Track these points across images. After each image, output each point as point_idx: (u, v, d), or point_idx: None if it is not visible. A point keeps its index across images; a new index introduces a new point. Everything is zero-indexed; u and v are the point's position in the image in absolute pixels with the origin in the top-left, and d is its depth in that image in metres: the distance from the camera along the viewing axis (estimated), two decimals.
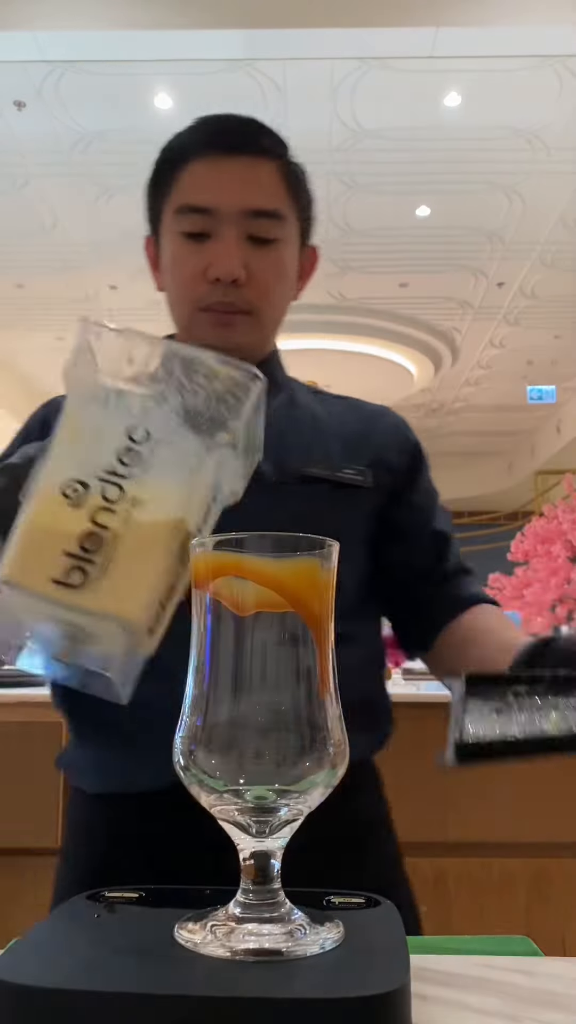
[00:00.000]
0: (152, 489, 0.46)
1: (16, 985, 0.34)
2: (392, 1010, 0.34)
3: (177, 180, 0.87)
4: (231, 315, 0.86)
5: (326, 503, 0.88)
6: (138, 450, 0.46)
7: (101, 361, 0.50)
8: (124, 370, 0.49)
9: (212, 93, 4.17)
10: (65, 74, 4.09)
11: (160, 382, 0.49)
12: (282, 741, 0.40)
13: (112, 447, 0.46)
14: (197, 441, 0.47)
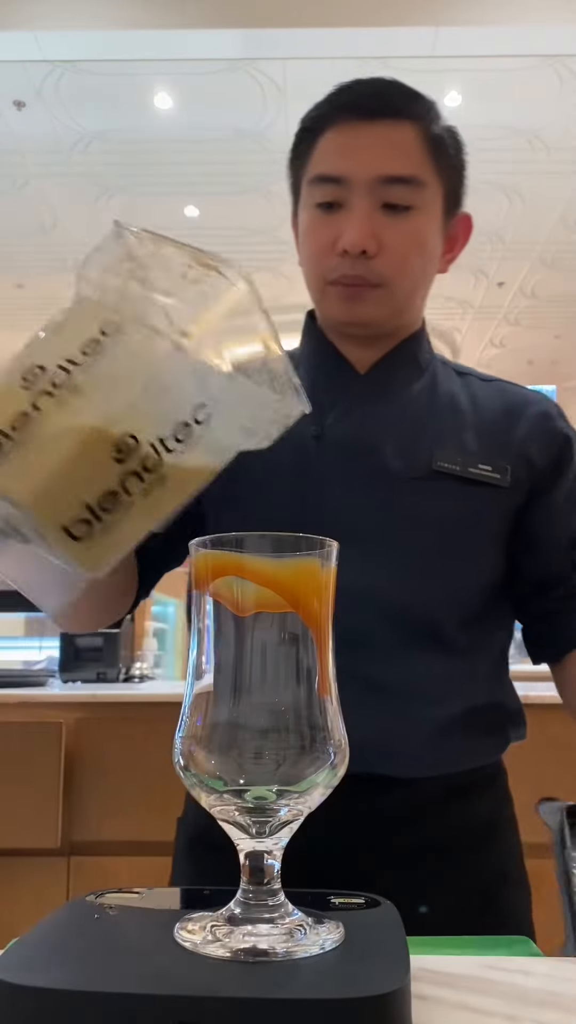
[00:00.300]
0: (99, 383, 0.42)
1: (16, 985, 0.34)
2: (392, 1010, 0.34)
3: (314, 150, 0.84)
4: (359, 288, 0.82)
5: (456, 501, 0.82)
6: (102, 342, 0.42)
7: (107, 261, 0.46)
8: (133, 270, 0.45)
9: (212, 93, 4.17)
10: (65, 74, 4.09)
11: (141, 278, 0.45)
12: (282, 741, 0.40)
13: (81, 338, 0.43)
14: (161, 343, 0.42)
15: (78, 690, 2.01)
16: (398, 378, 0.87)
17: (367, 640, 0.78)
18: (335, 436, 0.83)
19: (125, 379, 0.42)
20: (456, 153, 0.86)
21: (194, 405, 0.43)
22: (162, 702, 1.84)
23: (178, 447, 0.43)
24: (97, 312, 0.44)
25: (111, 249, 0.45)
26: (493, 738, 0.85)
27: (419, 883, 0.78)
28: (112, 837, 1.77)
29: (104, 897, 0.46)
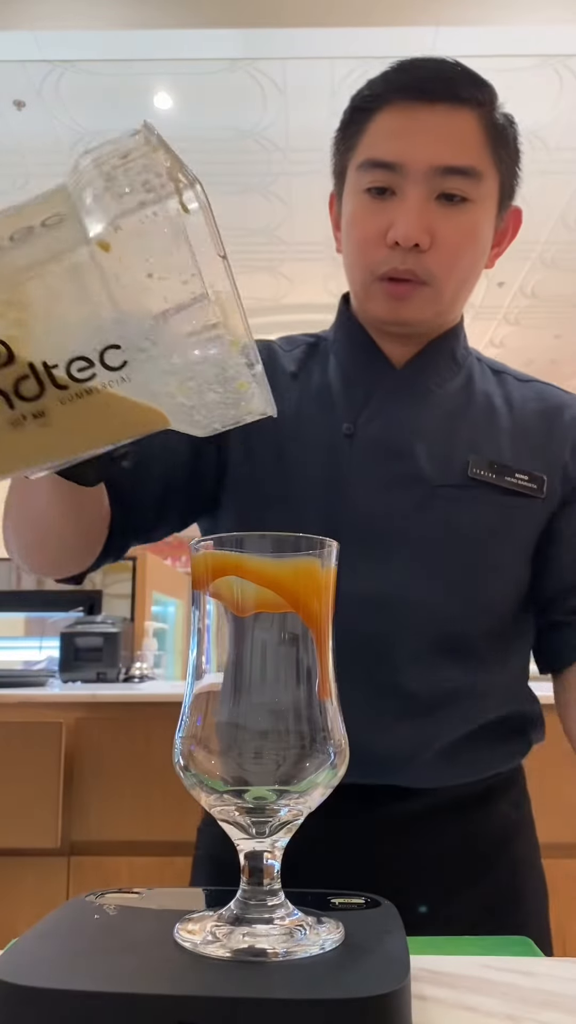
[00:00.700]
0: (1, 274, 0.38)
1: (16, 985, 0.34)
2: (392, 1011, 0.34)
3: (365, 132, 0.78)
4: (407, 285, 0.78)
5: (491, 509, 0.80)
6: (35, 231, 0.38)
7: (104, 153, 0.40)
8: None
9: (212, 93, 4.17)
10: (65, 74, 4.09)
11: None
12: (282, 741, 0.40)
13: (22, 223, 0.39)
14: (80, 253, 0.37)
15: (78, 690, 2.01)
16: (434, 375, 0.84)
17: (392, 648, 0.77)
18: (368, 435, 0.80)
19: (27, 281, 0.37)
20: (514, 142, 0.81)
21: (102, 342, 0.38)
22: (162, 702, 1.84)
23: (74, 385, 0.38)
24: (57, 202, 0.40)
25: (118, 142, 0.42)
26: (514, 745, 0.84)
27: (440, 887, 0.77)
28: (112, 837, 1.77)
29: (104, 897, 0.46)
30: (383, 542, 0.71)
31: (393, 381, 0.83)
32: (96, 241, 0.37)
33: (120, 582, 2.82)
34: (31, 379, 0.38)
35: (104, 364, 0.38)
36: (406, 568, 0.78)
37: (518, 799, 0.87)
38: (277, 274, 5.54)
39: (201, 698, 0.41)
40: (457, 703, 0.79)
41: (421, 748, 0.77)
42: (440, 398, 0.83)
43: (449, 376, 0.84)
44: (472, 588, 0.80)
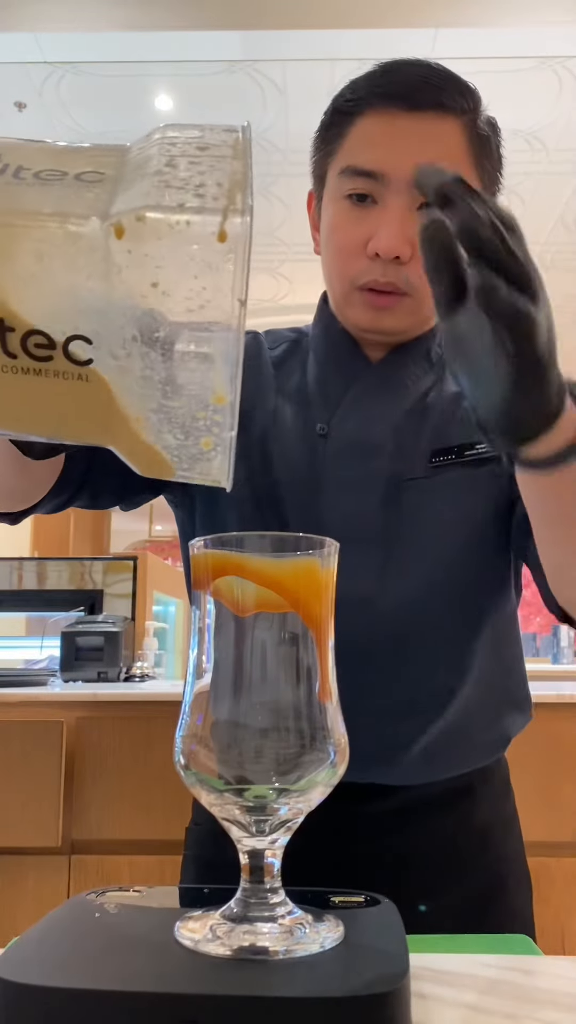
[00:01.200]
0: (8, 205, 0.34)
1: (16, 985, 0.34)
2: (392, 1009, 0.34)
3: (346, 136, 0.77)
4: (389, 296, 0.77)
5: (454, 492, 0.79)
6: (64, 180, 0.35)
7: (184, 135, 0.39)
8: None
9: (212, 94, 4.17)
10: (66, 75, 4.09)
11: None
12: (282, 740, 0.40)
13: (58, 163, 0.36)
14: (90, 224, 0.33)
15: (79, 689, 2.01)
16: (409, 371, 0.84)
17: (370, 648, 0.77)
18: (340, 434, 0.81)
19: (21, 227, 0.33)
20: (497, 150, 0.81)
21: (72, 328, 0.34)
22: (163, 701, 1.84)
23: (24, 359, 0.34)
24: (109, 160, 0.36)
25: (207, 132, 0.39)
26: (497, 738, 0.84)
27: (422, 884, 0.78)
28: (113, 836, 1.77)
29: (105, 895, 0.46)
30: (355, 542, 0.71)
31: (369, 376, 0.83)
32: (113, 222, 0.33)
33: (121, 582, 2.83)
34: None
35: (67, 353, 0.34)
36: (378, 567, 0.78)
37: (502, 792, 0.86)
38: (277, 275, 5.54)
39: (201, 697, 0.41)
40: (434, 701, 0.79)
41: (403, 747, 0.77)
42: (412, 394, 0.84)
43: (421, 373, 0.85)
44: (447, 583, 0.80)
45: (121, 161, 0.36)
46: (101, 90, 4.26)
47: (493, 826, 0.84)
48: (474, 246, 0.45)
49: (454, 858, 0.80)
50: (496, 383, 0.48)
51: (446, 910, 0.76)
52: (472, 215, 0.44)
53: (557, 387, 0.49)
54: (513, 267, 0.45)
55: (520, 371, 0.47)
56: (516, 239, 0.45)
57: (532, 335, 0.46)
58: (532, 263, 0.46)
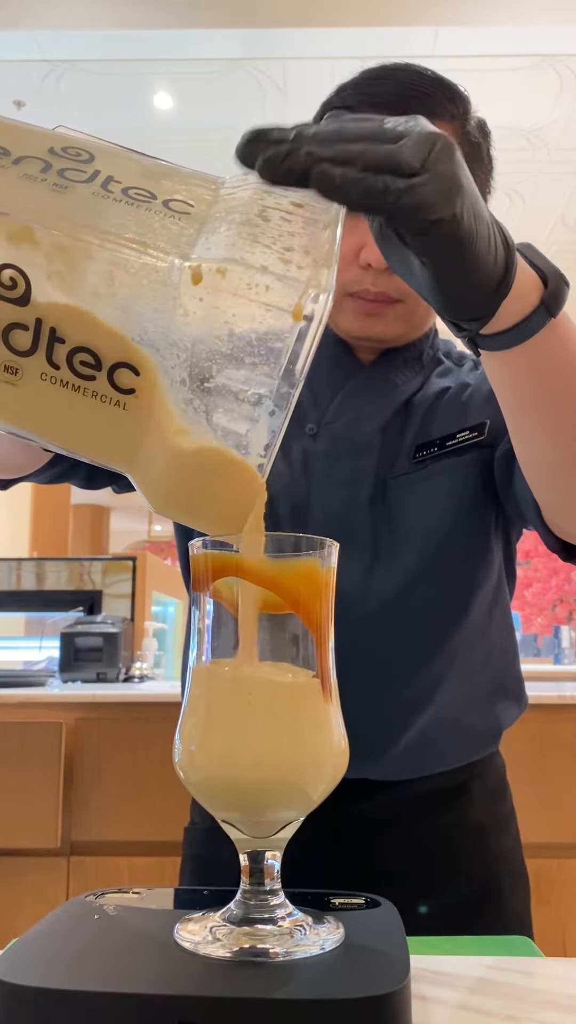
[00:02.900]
0: (70, 210, 0.33)
1: (16, 985, 0.34)
2: (392, 1011, 0.34)
3: None
4: (379, 304, 0.78)
5: (438, 485, 0.79)
6: (155, 205, 0.34)
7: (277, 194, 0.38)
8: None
9: (212, 93, 4.17)
10: (65, 74, 4.09)
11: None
12: (282, 741, 0.40)
13: (140, 179, 0.35)
14: (168, 258, 0.32)
15: (78, 690, 2.00)
16: (399, 373, 0.85)
17: (359, 646, 0.77)
18: (330, 434, 0.82)
19: (98, 244, 0.32)
20: (487, 156, 0.80)
21: (123, 355, 0.33)
22: (162, 702, 1.84)
23: (66, 373, 0.33)
24: (201, 193, 0.36)
25: (304, 191, 0.37)
26: (486, 726, 0.83)
27: (417, 882, 0.77)
28: (112, 837, 1.77)
29: (104, 897, 0.46)
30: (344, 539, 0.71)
31: (359, 378, 0.84)
32: (191, 267, 0.32)
33: (120, 582, 2.82)
34: (28, 333, 0.33)
35: (111, 378, 0.34)
36: (367, 564, 0.78)
37: (497, 791, 0.86)
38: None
39: (201, 698, 0.41)
40: (428, 691, 0.79)
41: (392, 739, 0.77)
42: (402, 393, 0.84)
43: (411, 375, 0.85)
44: (435, 578, 0.80)
45: (213, 197, 0.35)
46: (100, 88, 4.26)
47: (488, 825, 0.83)
48: (302, 174, 0.41)
49: (448, 857, 0.80)
50: (422, 268, 0.46)
51: (441, 909, 0.76)
52: (274, 161, 0.41)
53: (494, 256, 0.47)
54: (370, 157, 0.41)
55: (434, 247, 0.44)
56: (342, 133, 0.42)
57: (417, 208, 0.42)
58: (405, 142, 0.42)
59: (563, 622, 6.75)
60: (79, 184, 0.34)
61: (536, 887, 0.87)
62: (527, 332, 0.51)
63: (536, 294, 0.51)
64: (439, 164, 0.43)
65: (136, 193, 0.35)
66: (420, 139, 0.42)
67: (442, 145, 0.43)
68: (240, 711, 0.39)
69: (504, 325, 0.51)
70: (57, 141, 0.37)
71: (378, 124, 0.44)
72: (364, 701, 0.76)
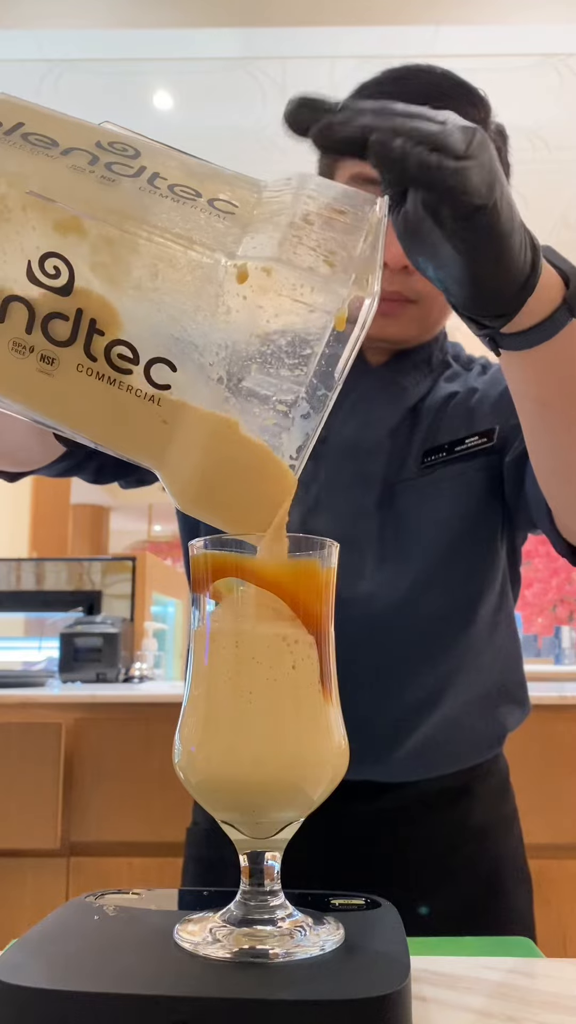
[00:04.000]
0: (118, 204, 0.33)
1: (16, 985, 0.34)
2: (392, 1012, 0.34)
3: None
4: (394, 304, 0.78)
5: (446, 490, 0.79)
6: (200, 203, 0.34)
7: (322, 191, 0.38)
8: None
9: (212, 92, 4.17)
10: (64, 73, 4.09)
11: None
12: (283, 742, 0.39)
13: (193, 183, 0.35)
14: (214, 255, 0.32)
15: (78, 690, 2.00)
16: (409, 376, 0.85)
17: (365, 648, 0.77)
18: (338, 438, 0.81)
19: (143, 240, 0.32)
20: (505, 158, 0.80)
21: (162, 350, 0.33)
22: (162, 703, 1.84)
23: (103, 365, 0.33)
24: (244, 193, 0.36)
25: (350, 195, 0.38)
26: (490, 730, 0.83)
27: (419, 883, 0.77)
28: (112, 838, 1.77)
29: (103, 898, 0.46)
30: (351, 543, 0.72)
31: (369, 380, 0.84)
32: (237, 265, 0.32)
33: (120, 582, 2.82)
34: (68, 323, 0.33)
35: (147, 373, 0.34)
36: (373, 567, 0.78)
37: (500, 792, 0.86)
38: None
39: (201, 698, 0.41)
40: (433, 695, 0.79)
41: (397, 742, 0.77)
42: (411, 396, 0.84)
43: (421, 378, 0.85)
44: (442, 583, 0.80)
45: (256, 200, 0.36)
46: (100, 88, 4.26)
47: (491, 826, 0.83)
48: (357, 138, 0.42)
49: (450, 858, 0.80)
50: (455, 256, 0.46)
51: (444, 910, 0.76)
52: (331, 128, 0.42)
53: (524, 251, 0.47)
54: (422, 133, 0.42)
55: (475, 233, 0.45)
56: (407, 114, 0.43)
57: (464, 190, 0.43)
58: (450, 126, 0.43)
59: (564, 622, 6.75)
60: (126, 178, 0.34)
61: (537, 888, 0.87)
62: (550, 331, 0.52)
63: (558, 293, 0.51)
64: (481, 152, 0.43)
65: (181, 191, 0.35)
66: (462, 127, 0.43)
67: (482, 136, 0.44)
68: (240, 711, 0.39)
69: (527, 324, 0.51)
70: (104, 136, 0.37)
71: (421, 107, 0.44)
72: (370, 704, 0.76)
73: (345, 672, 0.45)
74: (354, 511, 0.79)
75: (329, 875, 0.75)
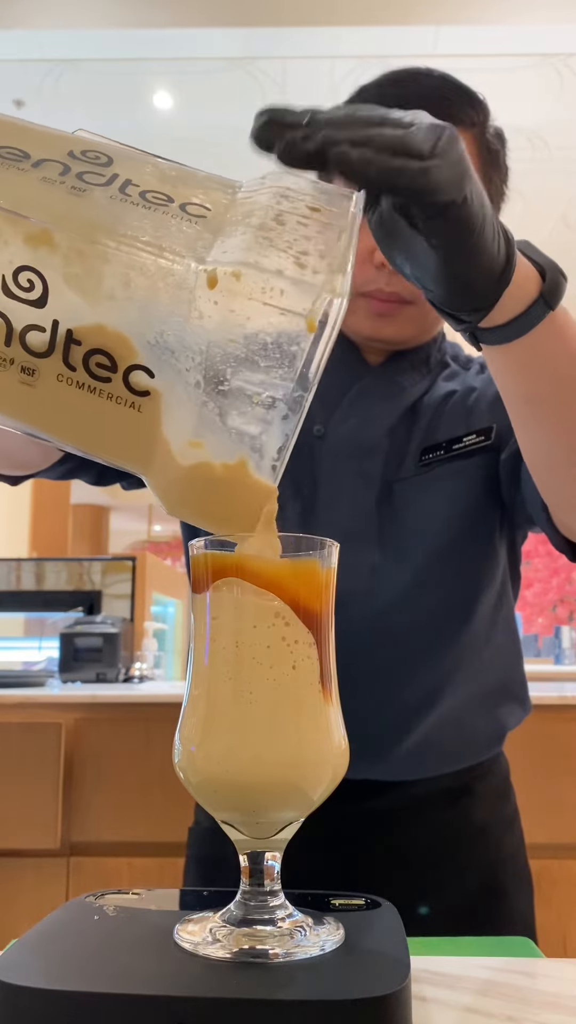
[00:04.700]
0: (87, 212, 0.33)
1: (15, 987, 0.34)
2: (392, 1012, 0.34)
3: None
4: (392, 304, 0.78)
5: (445, 487, 0.79)
6: (172, 209, 0.34)
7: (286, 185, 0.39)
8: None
9: (212, 92, 4.17)
10: (65, 73, 4.09)
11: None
12: (283, 742, 0.39)
13: (166, 189, 0.35)
14: (183, 261, 0.32)
15: (78, 690, 2.00)
16: (407, 375, 0.85)
17: (364, 647, 0.77)
18: (338, 436, 0.81)
19: (114, 248, 0.33)
20: (504, 162, 0.81)
21: (136, 357, 0.33)
22: (162, 703, 1.84)
23: (82, 375, 0.33)
24: (217, 196, 0.36)
25: (322, 191, 0.38)
26: (490, 729, 0.83)
27: (420, 882, 0.77)
28: (112, 838, 1.77)
29: (103, 898, 0.46)
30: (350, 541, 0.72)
31: (367, 380, 0.84)
32: (207, 270, 0.33)
33: (120, 582, 2.82)
34: (45, 334, 0.34)
35: (126, 380, 0.34)
36: (373, 565, 0.78)
37: (501, 791, 0.86)
38: None
39: (201, 698, 0.41)
40: (432, 693, 0.79)
41: (396, 740, 0.77)
42: (409, 395, 0.84)
43: (419, 377, 0.85)
44: (440, 581, 0.80)
45: (230, 201, 0.36)
46: (100, 88, 4.26)
47: (491, 825, 0.83)
48: (319, 154, 0.43)
49: (451, 857, 0.80)
50: (429, 253, 0.47)
51: (444, 910, 0.76)
52: (292, 145, 0.43)
53: (497, 244, 0.48)
54: (385, 139, 0.43)
55: (445, 229, 0.45)
56: (357, 114, 0.44)
57: (431, 190, 0.43)
58: (415, 128, 0.44)
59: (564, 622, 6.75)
60: (97, 188, 0.34)
61: (537, 888, 0.87)
62: (527, 325, 0.52)
63: (535, 287, 0.51)
64: (449, 150, 0.44)
65: (154, 197, 0.35)
66: (428, 127, 0.44)
67: (449, 134, 0.44)
68: (240, 711, 0.39)
69: (504, 318, 0.52)
70: (76, 144, 0.37)
71: (386, 112, 0.45)
72: (370, 702, 0.76)
73: (345, 672, 0.45)
74: (353, 510, 0.80)
75: (329, 875, 0.75)
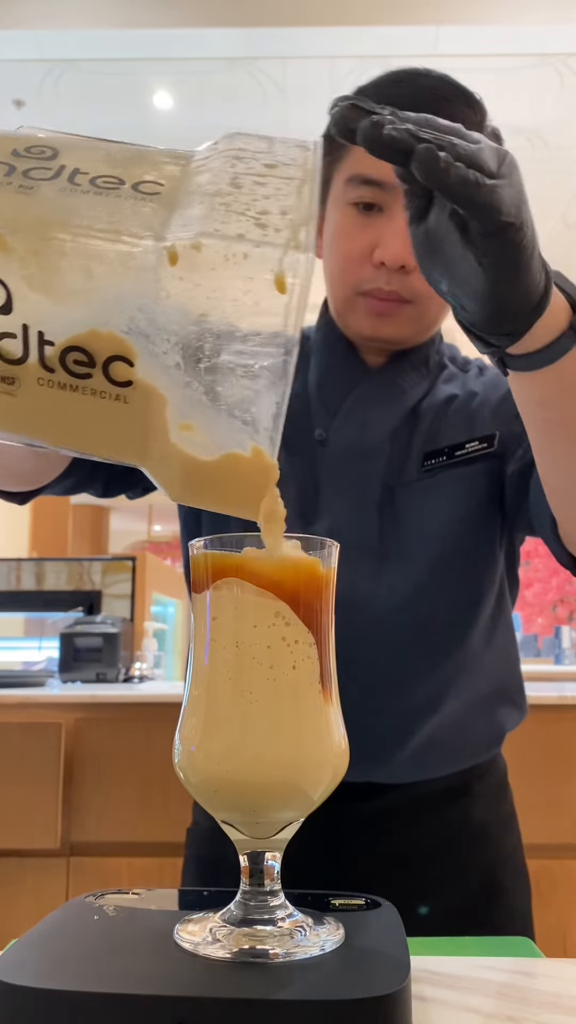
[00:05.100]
0: (43, 208, 0.33)
1: (15, 987, 0.34)
2: (392, 1012, 0.34)
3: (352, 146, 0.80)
4: (391, 304, 0.78)
5: (447, 492, 0.80)
6: (124, 190, 0.33)
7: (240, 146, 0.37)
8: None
9: (212, 92, 4.17)
10: (65, 73, 4.09)
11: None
12: (283, 742, 0.39)
13: (116, 171, 0.34)
14: (142, 244, 0.32)
15: (77, 690, 2.00)
16: (407, 377, 0.85)
17: (365, 650, 0.77)
18: (339, 440, 0.81)
19: (70, 240, 0.32)
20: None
21: (114, 349, 0.33)
22: (162, 702, 1.84)
23: (61, 375, 0.32)
24: (170, 170, 0.35)
25: (276, 146, 0.37)
26: (488, 731, 0.84)
27: (420, 882, 0.77)
28: (112, 838, 1.77)
29: (103, 898, 0.46)
30: (352, 545, 0.72)
31: (367, 383, 0.84)
32: (167, 246, 0.32)
33: (120, 582, 2.82)
34: (17, 341, 0.33)
35: (107, 373, 0.34)
36: (374, 570, 0.78)
37: (499, 791, 0.86)
38: None
39: (201, 698, 0.41)
40: (434, 697, 0.79)
41: (397, 744, 0.77)
42: (409, 398, 0.84)
43: (419, 379, 0.85)
44: (442, 586, 0.80)
45: (183, 172, 0.35)
46: (100, 88, 4.26)
47: (490, 825, 0.83)
48: (404, 144, 0.44)
49: (449, 857, 0.80)
50: (479, 272, 0.48)
51: (444, 910, 0.76)
52: (377, 130, 0.44)
53: (540, 272, 0.49)
54: (461, 150, 0.45)
55: (501, 249, 0.47)
56: (450, 128, 0.46)
57: (497, 208, 0.45)
58: (484, 145, 0.46)
59: (564, 622, 6.75)
60: (44, 182, 0.34)
61: (536, 888, 0.87)
62: (556, 354, 0.53)
63: (565, 317, 0.53)
64: (512, 173, 0.47)
65: (104, 182, 0.34)
66: (494, 147, 0.46)
67: (511, 158, 0.47)
68: (240, 711, 0.39)
69: (534, 346, 0.52)
70: (20, 142, 0.36)
71: (459, 125, 0.47)
72: (371, 705, 0.76)
73: (345, 673, 0.45)
74: (355, 513, 0.79)
75: (329, 875, 0.75)
